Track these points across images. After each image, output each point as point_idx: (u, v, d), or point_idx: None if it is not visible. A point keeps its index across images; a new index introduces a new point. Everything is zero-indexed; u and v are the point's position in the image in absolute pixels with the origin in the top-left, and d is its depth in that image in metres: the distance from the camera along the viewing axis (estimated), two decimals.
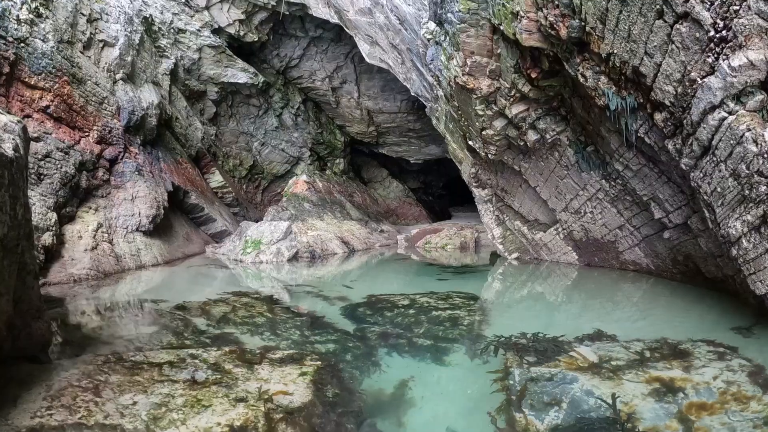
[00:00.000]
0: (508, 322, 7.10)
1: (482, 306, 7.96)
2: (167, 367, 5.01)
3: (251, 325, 6.71)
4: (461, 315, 7.13)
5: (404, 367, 5.10)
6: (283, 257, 13.52)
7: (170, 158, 17.13)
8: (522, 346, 5.36)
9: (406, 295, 8.50)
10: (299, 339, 6.08)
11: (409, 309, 7.40)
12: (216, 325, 6.82)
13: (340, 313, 7.37)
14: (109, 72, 14.63)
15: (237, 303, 7.96)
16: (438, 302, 7.98)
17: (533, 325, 6.96)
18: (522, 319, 7.45)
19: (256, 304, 7.85)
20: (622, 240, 10.21)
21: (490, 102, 9.43)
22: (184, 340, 6.20)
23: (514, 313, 7.98)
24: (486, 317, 7.07)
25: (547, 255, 12.66)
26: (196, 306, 7.88)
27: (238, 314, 7.31)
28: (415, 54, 15.47)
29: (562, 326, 6.89)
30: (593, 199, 9.89)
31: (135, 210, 13.61)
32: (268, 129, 23.03)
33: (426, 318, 6.91)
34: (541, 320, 7.36)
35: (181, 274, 12.27)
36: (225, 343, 6.03)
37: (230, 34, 19.48)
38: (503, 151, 10.75)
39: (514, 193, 12.55)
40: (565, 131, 9.32)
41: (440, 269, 13.20)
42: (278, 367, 4.71)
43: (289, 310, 7.62)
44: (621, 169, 8.50)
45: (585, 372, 4.84)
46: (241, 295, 8.65)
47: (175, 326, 6.90)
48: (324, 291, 9.30)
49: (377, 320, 6.93)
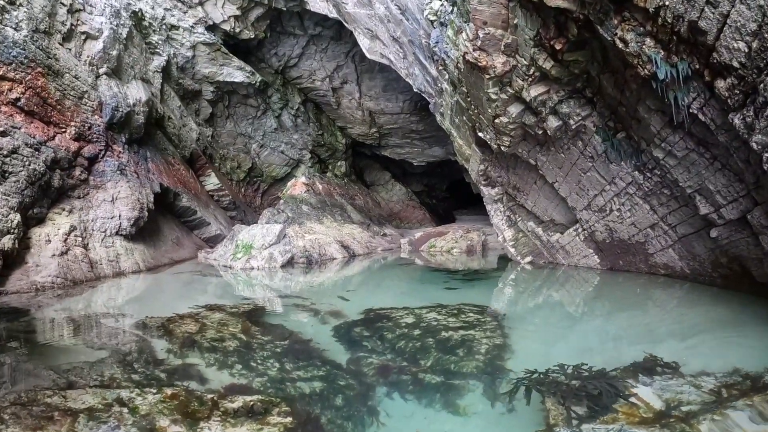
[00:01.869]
0: (535, 346, 5.57)
1: (500, 324, 6.27)
2: (83, 419, 3.57)
3: (220, 352, 5.21)
4: (476, 337, 5.58)
5: (408, 417, 3.61)
6: (276, 263, 12.03)
7: (160, 159, 15.71)
8: (564, 388, 3.83)
9: (410, 310, 6.96)
10: (277, 375, 4.56)
11: (414, 329, 5.88)
12: (177, 352, 5.33)
13: (332, 335, 5.85)
14: (92, 66, 13.24)
15: (208, 320, 6.43)
16: (448, 319, 6.40)
17: (565, 349, 5.47)
18: (550, 340, 5.91)
19: (230, 322, 6.32)
20: (654, 241, 8.68)
21: (504, 84, 7.95)
22: (130, 373, 4.71)
23: (539, 333, 6.42)
24: (507, 339, 5.46)
25: (564, 258, 11.11)
26: (160, 323, 6.39)
27: (207, 335, 5.79)
28: (417, 46, 14.04)
29: (601, 350, 5.36)
30: (622, 194, 8.36)
31: (115, 212, 12.17)
32: (267, 130, 21.61)
33: (434, 342, 5.39)
34: (574, 342, 5.81)
35: (162, 282, 10.80)
36: (183, 378, 4.55)
37: (225, 31, 18.10)
38: (518, 142, 9.25)
39: (528, 191, 11.03)
40: (590, 116, 7.81)
41: (447, 275, 11.65)
42: (231, 426, 3.20)
43: (270, 331, 6.07)
44: (661, 157, 6.98)
45: (652, 426, 3.36)
46: (216, 309, 7.11)
47: (128, 352, 5.42)
48: (316, 304, 7.77)
49: (375, 346, 5.41)
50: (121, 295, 9.09)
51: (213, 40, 18.09)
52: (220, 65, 18.74)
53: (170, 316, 6.67)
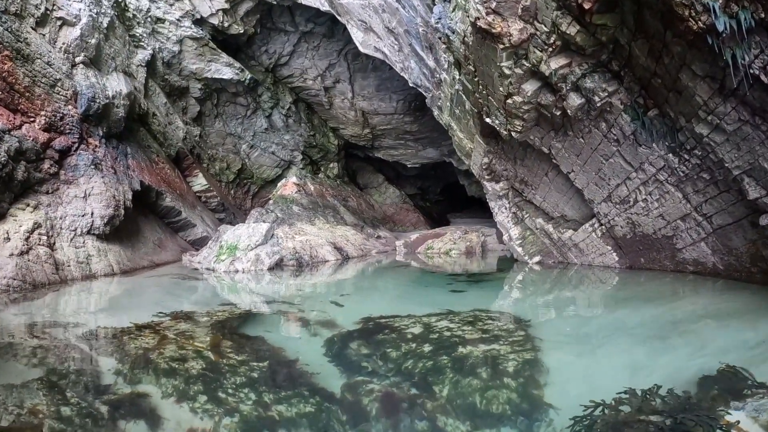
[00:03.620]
0: (573, 362, 4.30)
1: (527, 333, 4.91)
2: None
3: (181, 377, 3.92)
4: (501, 352, 4.26)
5: None
6: (263, 265, 10.74)
7: (143, 156, 14.39)
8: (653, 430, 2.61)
9: (416, 318, 5.62)
10: (252, 411, 3.27)
11: (424, 343, 4.57)
12: (128, 374, 4.05)
13: (323, 353, 4.56)
14: (67, 53, 11.97)
15: (172, 332, 5.12)
16: (463, 328, 5.06)
17: (610, 366, 4.24)
18: (589, 354, 4.61)
19: (197, 335, 5.00)
20: (683, 234, 7.54)
21: (520, 56, 6.80)
22: (60, 404, 3.45)
23: (573, 344, 4.95)
24: (538, 354, 4.25)
25: (577, 257, 9.96)
26: (113, 334, 5.10)
27: (167, 352, 4.50)
28: (413, 36, 12.91)
29: (654, 365, 4.15)
30: (651, 182, 7.23)
31: (87, 209, 10.84)
32: (257, 130, 20.36)
33: (450, 361, 4.10)
34: (617, 355, 4.49)
35: (134, 286, 9.48)
36: (129, 415, 3.30)
37: (214, 26, 16.88)
38: (530, 128, 8.11)
39: (537, 185, 9.88)
40: (617, 92, 6.68)
41: (449, 278, 10.42)
42: None
43: (247, 347, 4.75)
44: (706, 133, 5.85)
45: None
46: (184, 318, 5.78)
47: (65, 373, 4.13)
48: (306, 311, 6.48)
49: (377, 367, 4.12)
50: (84, 301, 7.76)
51: (200, 34, 16.86)
52: (208, 61, 17.50)
53: (127, 326, 5.37)
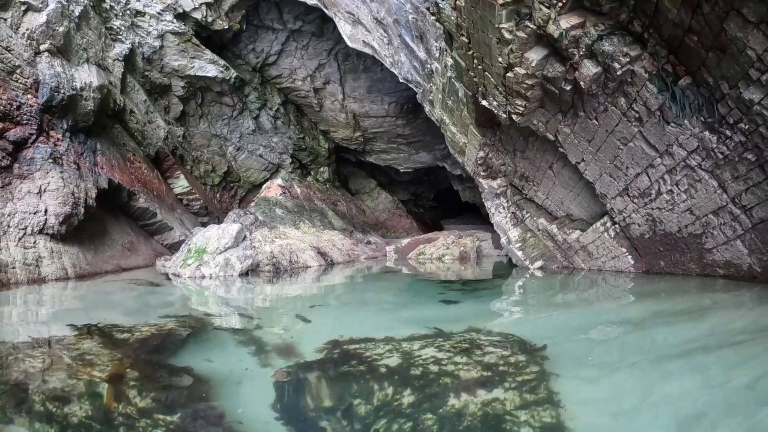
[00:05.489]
0: (620, 424, 2.68)
1: (542, 368, 3.31)
2: None
3: (57, 427, 2.55)
4: (509, 407, 2.70)
5: None
6: (233, 270, 9.32)
7: (115, 154, 13.04)
8: None
9: (395, 343, 3.99)
10: None
11: (403, 388, 3.00)
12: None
13: (269, 401, 2.97)
14: (31, 40, 10.67)
15: (69, 352, 3.68)
16: (455, 360, 3.49)
17: (670, 419, 2.72)
18: (631, 405, 2.87)
19: (100, 359, 3.53)
20: (715, 231, 6.22)
21: (523, 16, 5.51)
22: None
23: (607, 385, 3.24)
24: (561, 411, 2.63)
25: (585, 261, 8.61)
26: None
27: (50, 383, 3.08)
28: (403, 25, 11.67)
29: (724, 415, 2.75)
30: (679, 168, 5.91)
31: (41, 206, 9.45)
32: (244, 132, 19.04)
33: (437, 423, 2.53)
34: (669, 401, 2.80)
35: (80, 292, 8.06)
36: None
37: (197, 21, 15.63)
38: (534, 109, 6.80)
39: (539, 180, 8.57)
40: (640, 58, 5.38)
41: (441, 286, 9.01)
42: None
43: (160, 383, 3.30)
44: (758, 99, 4.54)
45: None
46: (96, 333, 4.30)
47: None
48: (264, 327, 4.96)
49: (338, 428, 2.61)
50: (6, 309, 6.32)
51: (183, 29, 15.60)
52: (191, 58, 16.22)
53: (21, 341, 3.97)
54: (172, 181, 16.48)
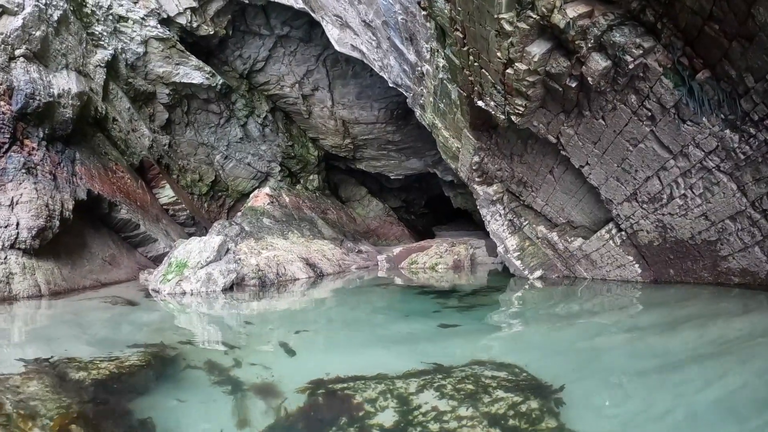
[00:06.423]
0: None
1: (559, 426, 2.67)
2: None
3: None
4: None
5: None
6: (215, 286, 8.62)
7: (96, 163, 12.30)
8: None
9: (388, 382, 3.33)
10: None
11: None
12: None
13: None
14: (5, 44, 10.01)
15: (11, 396, 2.96)
16: (459, 410, 2.82)
17: None
18: None
19: (46, 407, 2.72)
20: (731, 237, 5.68)
21: (524, 4, 4.97)
22: None
23: None
24: None
25: (588, 270, 8.05)
26: None
27: None
28: (392, 27, 11.14)
29: None
30: (694, 171, 5.38)
31: (12, 219, 8.74)
32: (232, 140, 18.37)
33: None
34: None
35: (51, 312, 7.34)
36: None
37: (182, 26, 15.00)
38: (534, 109, 6.25)
39: (539, 186, 8.02)
40: (653, 51, 4.85)
41: (436, 299, 8.37)
42: None
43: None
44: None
45: None
46: (44, 372, 3.56)
47: None
48: (243, 360, 4.13)
49: None
50: None
51: (167, 35, 14.96)
52: (176, 64, 15.56)
53: None
54: (158, 191, 15.75)
